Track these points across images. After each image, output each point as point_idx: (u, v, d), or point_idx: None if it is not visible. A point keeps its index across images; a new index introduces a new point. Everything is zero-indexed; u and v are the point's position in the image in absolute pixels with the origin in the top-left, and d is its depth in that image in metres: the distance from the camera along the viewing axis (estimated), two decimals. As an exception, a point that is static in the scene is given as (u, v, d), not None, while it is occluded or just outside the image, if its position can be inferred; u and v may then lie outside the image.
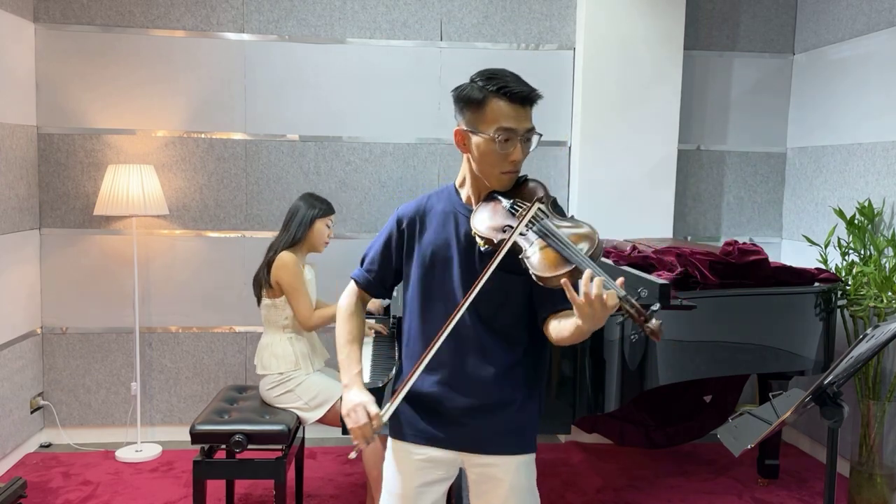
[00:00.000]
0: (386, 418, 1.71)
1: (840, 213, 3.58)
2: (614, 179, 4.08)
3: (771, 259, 3.27)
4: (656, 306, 1.47)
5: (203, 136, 4.03)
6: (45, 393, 4.04)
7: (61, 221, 3.98)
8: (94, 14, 3.92)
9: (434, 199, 1.86)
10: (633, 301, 1.46)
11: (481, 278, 1.66)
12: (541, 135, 1.74)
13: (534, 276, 1.59)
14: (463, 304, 1.67)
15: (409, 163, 4.14)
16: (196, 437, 2.83)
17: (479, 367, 1.76)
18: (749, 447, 1.85)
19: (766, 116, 4.37)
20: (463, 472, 1.90)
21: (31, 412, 3.91)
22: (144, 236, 4.01)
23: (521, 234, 1.65)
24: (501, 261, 1.67)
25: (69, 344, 4.04)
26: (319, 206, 3.20)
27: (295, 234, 3.14)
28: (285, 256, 3.07)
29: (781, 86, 4.37)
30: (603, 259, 3.46)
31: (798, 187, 4.29)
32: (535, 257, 1.60)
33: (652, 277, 2.89)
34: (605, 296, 1.43)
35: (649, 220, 4.11)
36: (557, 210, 1.75)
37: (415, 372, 1.69)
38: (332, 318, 3.10)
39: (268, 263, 3.11)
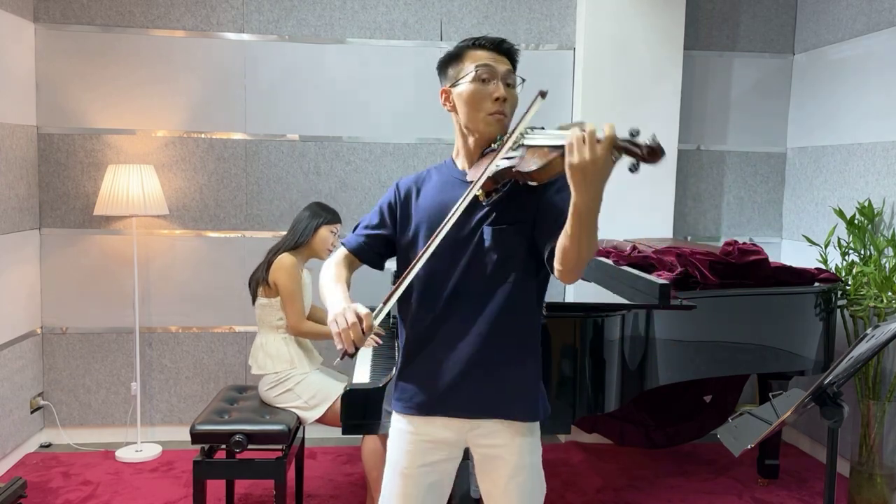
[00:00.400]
0: (378, 320, 1.58)
1: (840, 213, 3.58)
2: (614, 179, 4.02)
3: (771, 259, 3.27)
4: (639, 131, 1.41)
5: (203, 136, 4.03)
6: (45, 393, 4.04)
7: (61, 221, 3.98)
8: (94, 14, 3.92)
9: (433, 171, 1.88)
10: (626, 137, 1.41)
11: (470, 190, 1.62)
12: (524, 80, 1.77)
13: (530, 179, 1.56)
14: (448, 222, 1.63)
15: (409, 163, 4.14)
16: (196, 437, 2.83)
17: (475, 324, 1.74)
18: (749, 447, 1.85)
19: (766, 116, 4.38)
20: (469, 453, 1.88)
21: (31, 412, 3.91)
22: (144, 236, 4.01)
23: (507, 158, 1.62)
24: (497, 215, 1.67)
25: (69, 344, 4.04)
26: (326, 215, 3.20)
27: (298, 238, 3.14)
28: (285, 259, 3.07)
29: (781, 86, 4.37)
30: (603, 259, 3.46)
31: (798, 187, 4.29)
32: (524, 161, 1.56)
33: (652, 277, 2.90)
34: (600, 133, 1.40)
35: (649, 220, 4.11)
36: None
37: (410, 272, 1.64)
38: (323, 335, 3.13)
39: (268, 263, 3.11)
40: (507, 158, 1.62)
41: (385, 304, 1.61)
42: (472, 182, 1.66)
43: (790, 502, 3.45)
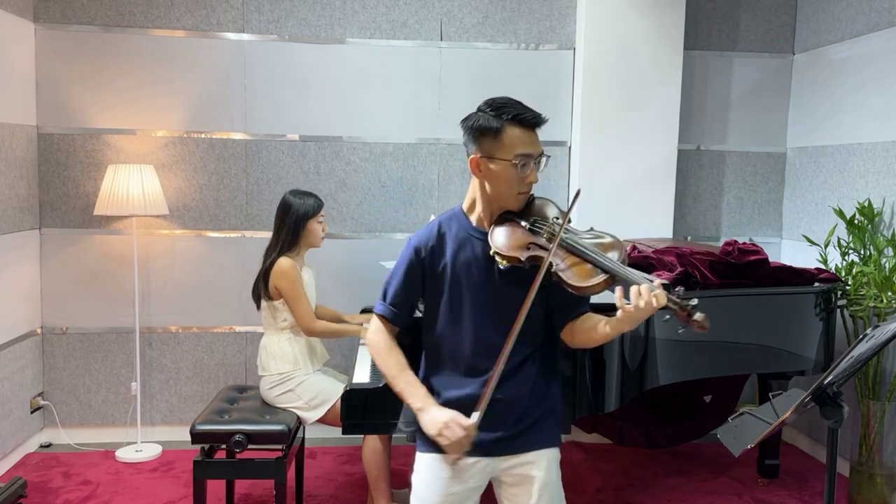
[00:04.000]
0: (478, 424, 1.73)
1: (840, 213, 3.58)
2: (614, 179, 4.08)
3: (771, 259, 3.27)
4: (695, 301, 1.57)
5: (203, 136, 4.04)
6: (45, 393, 4.04)
7: (61, 221, 3.98)
8: (94, 14, 3.92)
9: (444, 224, 1.92)
10: (675, 298, 1.57)
11: (529, 297, 1.75)
12: (549, 156, 1.87)
13: (569, 288, 1.71)
14: (517, 324, 1.75)
15: (409, 163, 4.14)
16: (196, 437, 2.83)
17: (504, 372, 1.79)
18: (749, 447, 1.85)
19: (766, 116, 4.38)
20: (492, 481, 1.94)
21: (31, 412, 3.91)
22: (144, 236, 4.01)
23: (546, 249, 1.76)
24: (522, 277, 1.78)
25: (69, 344, 4.04)
26: (308, 204, 3.13)
27: (289, 239, 3.11)
28: (283, 263, 3.05)
29: (781, 86, 4.37)
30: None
31: (798, 187, 4.29)
32: (569, 271, 1.73)
33: (652, 277, 2.89)
34: (654, 300, 1.57)
35: (649, 220, 4.11)
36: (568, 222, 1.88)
37: (490, 383, 1.75)
38: (339, 333, 3.16)
39: (265, 272, 3.09)
40: (547, 250, 1.77)
41: (479, 409, 1.73)
42: (498, 253, 1.79)
43: (790, 502, 3.45)
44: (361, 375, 2.74)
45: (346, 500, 3.39)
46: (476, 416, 1.73)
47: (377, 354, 1.92)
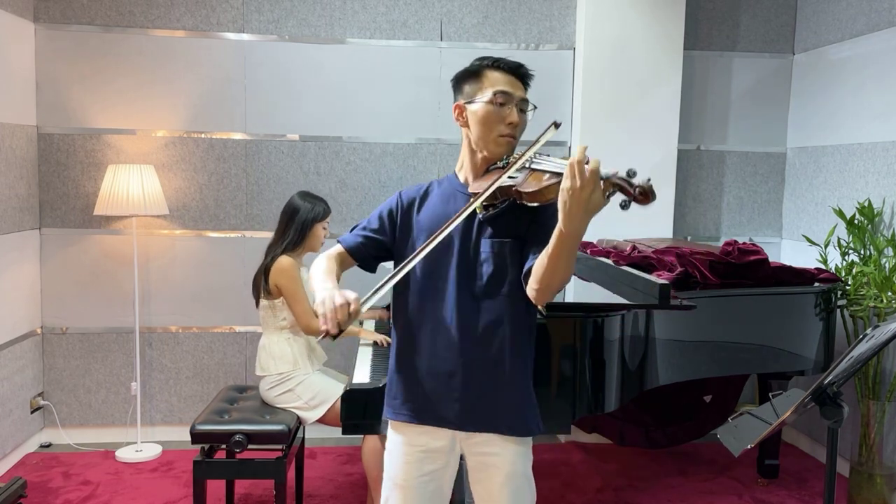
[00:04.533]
0: (366, 307, 1.60)
1: (840, 213, 3.58)
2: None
3: (771, 259, 3.27)
4: (635, 172, 1.46)
5: (203, 136, 4.03)
6: (45, 393, 4.04)
7: (61, 221, 3.98)
8: (94, 14, 3.92)
9: (435, 184, 1.91)
10: (616, 172, 1.46)
11: (463, 211, 1.66)
12: (535, 106, 1.83)
13: (525, 198, 1.62)
14: (446, 228, 1.66)
15: (409, 163, 4.14)
16: (196, 437, 2.83)
17: (466, 335, 1.76)
18: (749, 447, 1.85)
19: (766, 116, 4.38)
20: (463, 460, 1.90)
21: (31, 412, 3.91)
22: (144, 236, 4.01)
23: (510, 177, 1.68)
24: (497, 226, 1.73)
25: (69, 344, 4.04)
26: (317, 209, 3.16)
27: (294, 239, 3.12)
28: (284, 261, 3.05)
29: (781, 86, 4.37)
30: (603, 259, 3.46)
31: (798, 187, 4.29)
32: (524, 183, 1.64)
33: (652, 277, 2.90)
34: (586, 164, 1.44)
35: (649, 220, 4.11)
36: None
37: (402, 269, 1.64)
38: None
39: (266, 268, 3.10)
40: (511, 178, 1.68)
41: (374, 293, 1.61)
42: (474, 194, 1.71)
43: (790, 502, 3.45)
44: (361, 375, 2.73)
45: (346, 500, 3.39)
46: (368, 296, 1.61)
47: (315, 268, 1.80)
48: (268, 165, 4.08)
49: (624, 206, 1.45)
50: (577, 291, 3.09)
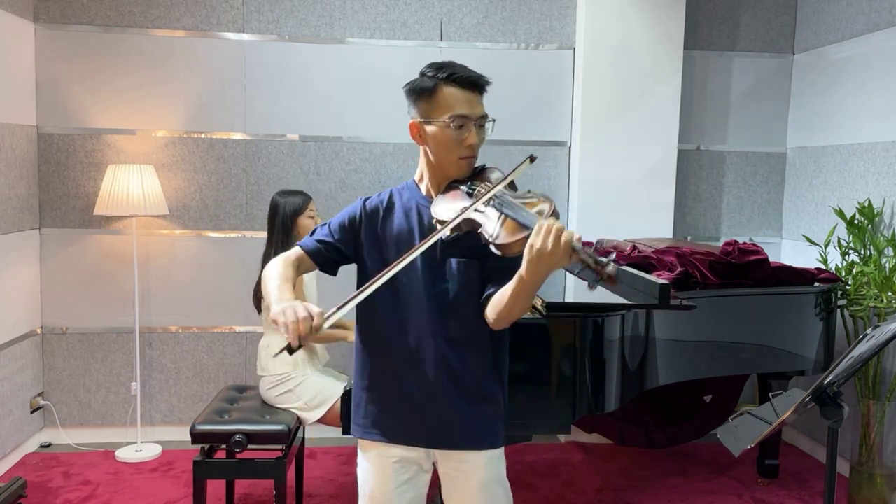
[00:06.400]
0: (328, 324, 1.54)
1: (840, 213, 3.58)
2: (614, 179, 4.08)
3: (771, 259, 3.27)
4: (612, 256, 1.44)
5: (203, 136, 4.03)
6: (45, 393, 4.04)
7: (61, 221, 3.98)
8: (94, 14, 3.92)
9: (396, 193, 1.87)
10: (588, 251, 1.44)
11: (429, 239, 1.64)
12: (494, 120, 1.77)
13: (493, 247, 1.59)
14: (404, 259, 1.62)
15: (409, 163, 4.14)
16: (196, 437, 2.83)
17: (434, 354, 1.76)
18: (749, 447, 1.85)
19: (766, 116, 4.38)
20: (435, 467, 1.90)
21: (31, 412, 3.91)
22: (144, 236, 4.01)
23: (478, 210, 1.65)
24: (461, 247, 1.71)
25: (69, 344, 4.04)
26: (295, 202, 3.15)
27: (280, 238, 3.11)
28: None
29: (781, 86, 4.37)
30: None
31: (798, 187, 4.29)
32: (495, 230, 1.60)
33: (652, 277, 2.89)
34: (562, 234, 1.42)
35: (649, 220, 4.11)
36: (513, 188, 1.77)
37: (367, 289, 1.61)
38: (336, 338, 3.14)
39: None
40: (478, 211, 1.65)
41: (338, 310, 1.57)
42: (441, 221, 1.68)
43: (790, 502, 3.45)
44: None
45: (346, 500, 3.39)
46: (332, 311, 1.56)
47: (270, 271, 1.74)
48: (268, 165, 4.07)
49: (590, 284, 1.44)
50: (577, 291, 3.09)
